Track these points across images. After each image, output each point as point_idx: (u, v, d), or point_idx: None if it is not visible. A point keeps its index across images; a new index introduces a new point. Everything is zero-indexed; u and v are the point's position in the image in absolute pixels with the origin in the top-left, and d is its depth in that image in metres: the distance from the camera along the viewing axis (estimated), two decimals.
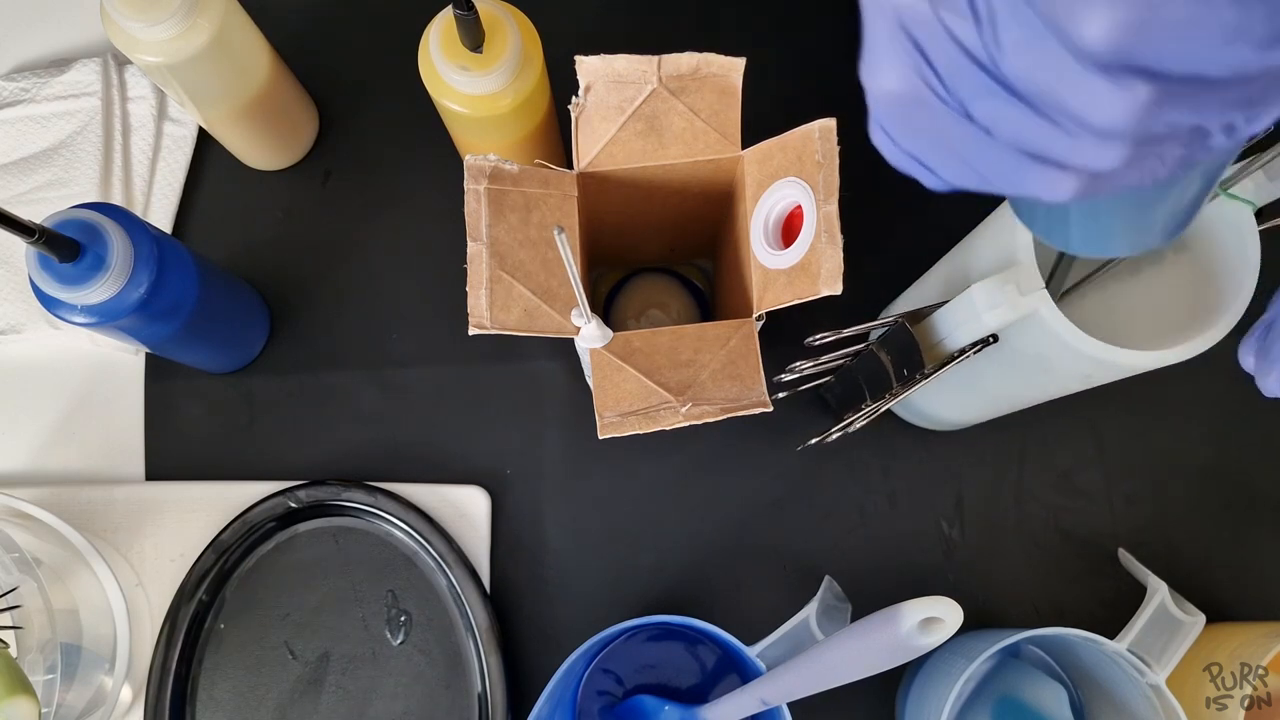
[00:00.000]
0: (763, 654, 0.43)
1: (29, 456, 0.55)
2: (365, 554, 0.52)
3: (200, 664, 0.51)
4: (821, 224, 0.38)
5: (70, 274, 0.41)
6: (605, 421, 0.39)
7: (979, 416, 0.50)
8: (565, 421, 0.54)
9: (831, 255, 0.37)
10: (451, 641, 0.51)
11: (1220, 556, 0.53)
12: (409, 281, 0.56)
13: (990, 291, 0.35)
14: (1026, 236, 0.35)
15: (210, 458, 0.54)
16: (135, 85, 0.57)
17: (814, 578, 0.48)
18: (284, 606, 0.51)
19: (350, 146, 0.58)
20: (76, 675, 0.47)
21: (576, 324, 0.39)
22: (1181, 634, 0.44)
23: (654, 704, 0.47)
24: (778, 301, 0.39)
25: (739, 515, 0.53)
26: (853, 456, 0.53)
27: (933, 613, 0.33)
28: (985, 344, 0.37)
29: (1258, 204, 0.34)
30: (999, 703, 0.48)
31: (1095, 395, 0.47)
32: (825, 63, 0.57)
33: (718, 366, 0.40)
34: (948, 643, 0.34)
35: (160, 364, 0.55)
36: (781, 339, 0.46)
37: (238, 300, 0.52)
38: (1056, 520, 0.53)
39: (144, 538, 0.52)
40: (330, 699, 0.51)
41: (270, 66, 0.50)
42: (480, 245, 0.38)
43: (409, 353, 0.55)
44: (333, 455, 0.54)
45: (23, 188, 0.55)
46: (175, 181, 0.56)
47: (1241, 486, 0.53)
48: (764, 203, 0.40)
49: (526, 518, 0.53)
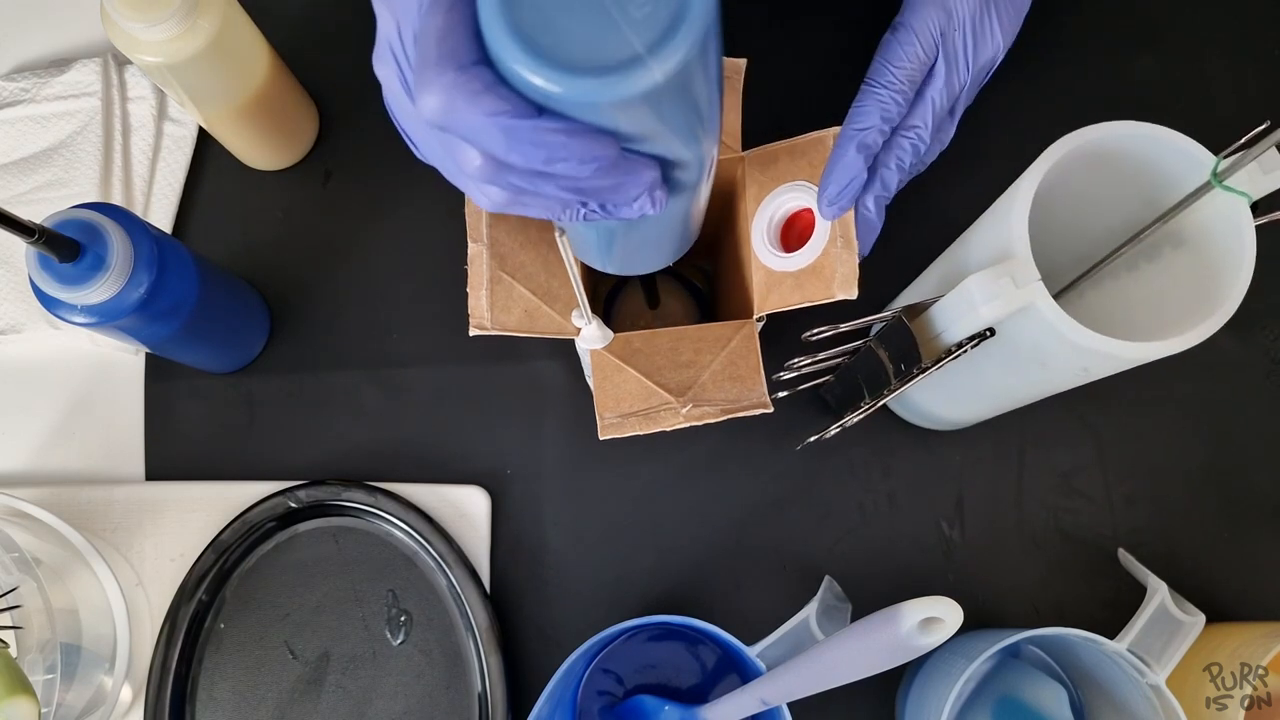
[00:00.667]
0: (763, 654, 0.43)
1: (29, 456, 0.55)
2: (365, 554, 0.52)
3: (200, 664, 0.51)
4: (837, 229, 0.38)
5: (70, 274, 0.41)
6: (606, 422, 0.39)
7: (978, 415, 0.50)
8: (565, 421, 0.54)
9: (847, 260, 0.37)
10: (451, 641, 0.51)
11: (1220, 556, 0.53)
12: (409, 281, 0.56)
13: (986, 284, 0.35)
14: (1022, 229, 0.35)
15: (210, 458, 0.54)
16: (135, 85, 0.57)
17: (814, 578, 0.48)
18: (284, 606, 0.51)
19: (350, 146, 0.58)
20: (76, 675, 0.47)
21: (577, 325, 0.39)
22: (1181, 634, 0.44)
23: (654, 704, 0.47)
24: (784, 304, 0.39)
25: (739, 515, 0.53)
26: (853, 456, 0.53)
27: (933, 613, 0.33)
28: (982, 338, 0.37)
29: (1253, 197, 0.34)
30: (999, 703, 0.48)
31: (1095, 395, 0.47)
32: (824, 64, 0.57)
33: (718, 368, 0.40)
34: (948, 643, 0.34)
35: (160, 364, 0.55)
36: (781, 339, 0.46)
37: (238, 300, 0.52)
38: (1056, 520, 0.53)
39: (144, 538, 0.52)
40: (330, 699, 0.51)
41: (270, 66, 0.50)
42: (481, 246, 0.39)
43: (409, 353, 0.55)
44: (333, 455, 0.54)
45: (23, 188, 0.55)
46: (175, 181, 0.56)
47: (1241, 486, 0.53)
48: (767, 205, 0.40)
49: (526, 518, 0.53)
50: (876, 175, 0.39)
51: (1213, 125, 0.38)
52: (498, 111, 0.23)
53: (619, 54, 0.22)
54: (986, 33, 0.39)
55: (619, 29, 0.22)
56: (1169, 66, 0.58)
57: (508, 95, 0.23)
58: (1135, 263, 0.42)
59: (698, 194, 0.31)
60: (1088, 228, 0.41)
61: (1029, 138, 0.38)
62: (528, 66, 0.22)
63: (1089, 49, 0.58)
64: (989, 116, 0.49)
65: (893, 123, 0.38)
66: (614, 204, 0.27)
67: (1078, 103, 0.57)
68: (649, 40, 0.22)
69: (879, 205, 0.39)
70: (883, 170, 0.39)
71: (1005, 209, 0.36)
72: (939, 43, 0.38)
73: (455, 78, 0.23)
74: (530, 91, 0.23)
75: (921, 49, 0.38)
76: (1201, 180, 0.34)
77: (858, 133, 0.37)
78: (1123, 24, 0.58)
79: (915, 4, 0.38)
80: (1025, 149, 0.37)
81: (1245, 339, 0.54)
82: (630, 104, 0.23)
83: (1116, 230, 0.40)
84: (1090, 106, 0.57)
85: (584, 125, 0.24)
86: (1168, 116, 0.36)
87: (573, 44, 0.22)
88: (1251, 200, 0.35)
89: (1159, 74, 0.58)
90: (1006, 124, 0.53)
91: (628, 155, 0.25)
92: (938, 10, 0.38)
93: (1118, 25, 0.58)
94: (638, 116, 0.24)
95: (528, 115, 0.23)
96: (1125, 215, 0.39)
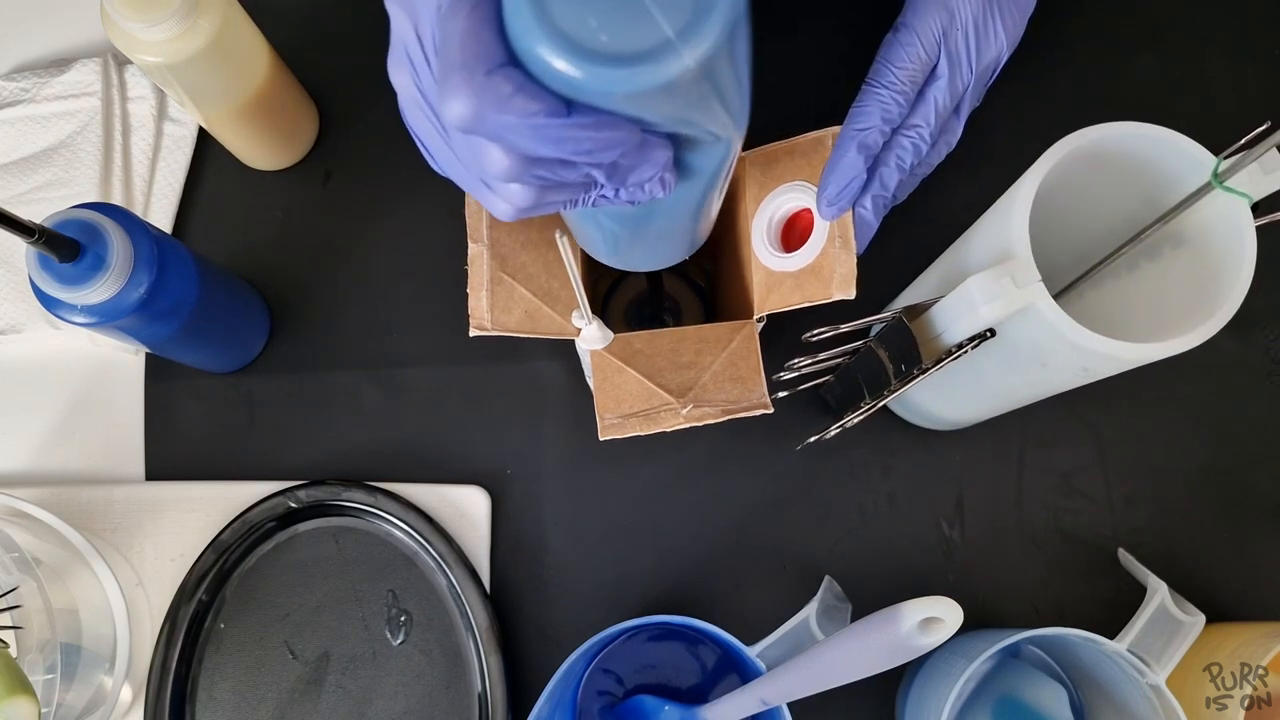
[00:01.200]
0: (763, 654, 0.43)
1: (29, 456, 0.55)
2: (365, 554, 0.52)
3: (200, 664, 0.51)
4: (835, 229, 0.38)
5: (70, 274, 0.41)
6: (606, 423, 0.39)
7: (979, 415, 0.50)
8: (565, 421, 0.54)
9: (845, 260, 0.37)
10: (451, 641, 0.51)
11: (1220, 556, 0.53)
12: (409, 281, 0.56)
13: (986, 284, 0.35)
14: (1023, 230, 0.35)
15: (210, 458, 0.54)
16: (135, 85, 0.57)
17: (814, 578, 0.48)
18: (284, 606, 0.51)
19: (350, 146, 0.58)
20: (76, 675, 0.47)
21: (578, 325, 0.39)
22: (1181, 634, 0.44)
23: (654, 704, 0.47)
24: (784, 304, 0.39)
25: (739, 515, 0.53)
26: (853, 456, 0.53)
27: (933, 613, 0.33)
28: (983, 338, 0.37)
29: (1253, 197, 0.34)
30: (999, 703, 0.48)
31: (1095, 396, 0.47)
32: (824, 65, 0.57)
33: (719, 368, 0.40)
34: (948, 643, 0.34)
35: (160, 364, 0.55)
36: (782, 338, 0.46)
37: (238, 300, 0.52)
38: (1056, 520, 0.53)
39: (144, 538, 0.52)
40: (330, 699, 0.51)
41: (270, 66, 0.50)
42: (481, 246, 0.39)
43: (409, 353, 0.55)
44: (333, 455, 0.54)
45: (23, 188, 0.55)
46: (175, 181, 0.56)
47: (1241, 486, 0.53)
48: (767, 205, 0.40)
49: (526, 518, 0.53)
50: (876, 175, 0.38)
51: (1213, 125, 0.39)
52: (529, 113, 0.23)
53: (650, 40, 0.22)
54: (990, 33, 0.39)
55: (649, 14, 0.22)
56: (1169, 66, 0.58)
57: (538, 94, 0.23)
58: (1135, 263, 0.42)
59: (719, 182, 0.30)
60: (1088, 228, 0.41)
61: (1029, 138, 0.38)
62: (559, 56, 0.22)
63: (1089, 49, 0.58)
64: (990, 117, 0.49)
65: (893, 123, 0.38)
66: (627, 187, 0.26)
67: (1078, 103, 0.57)
68: (680, 25, 0.22)
69: (877, 205, 0.39)
70: (882, 169, 0.39)
71: (1006, 209, 0.36)
72: (941, 43, 0.38)
73: (484, 82, 0.23)
74: (559, 83, 0.23)
75: (923, 49, 0.38)
76: (1202, 181, 0.34)
77: (858, 133, 0.37)
78: (1123, 24, 0.58)
79: (917, 5, 0.38)
80: (1026, 149, 0.37)
81: (1245, 339, 0.54)
82: (661, 91, 0.23)
83: (1117, 230, 0.40)
84: (1090, 106, 0.57)
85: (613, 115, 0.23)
86: (1168, 116, 0.36)
87: (603, 32, 0.22)
88: (1252, 201, 0.35)
89: (1159, 74, 0.58)
90: (1007, 124, 0.53)
91: (647, 138, 0.25)
92: (939, 10, 0.38)
93: (1118, 25, 0.58)
94: (667, 103, 0.23)
95: (559, 114, 0.23)
96: (1126, 215, 0.39)
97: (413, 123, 0.29)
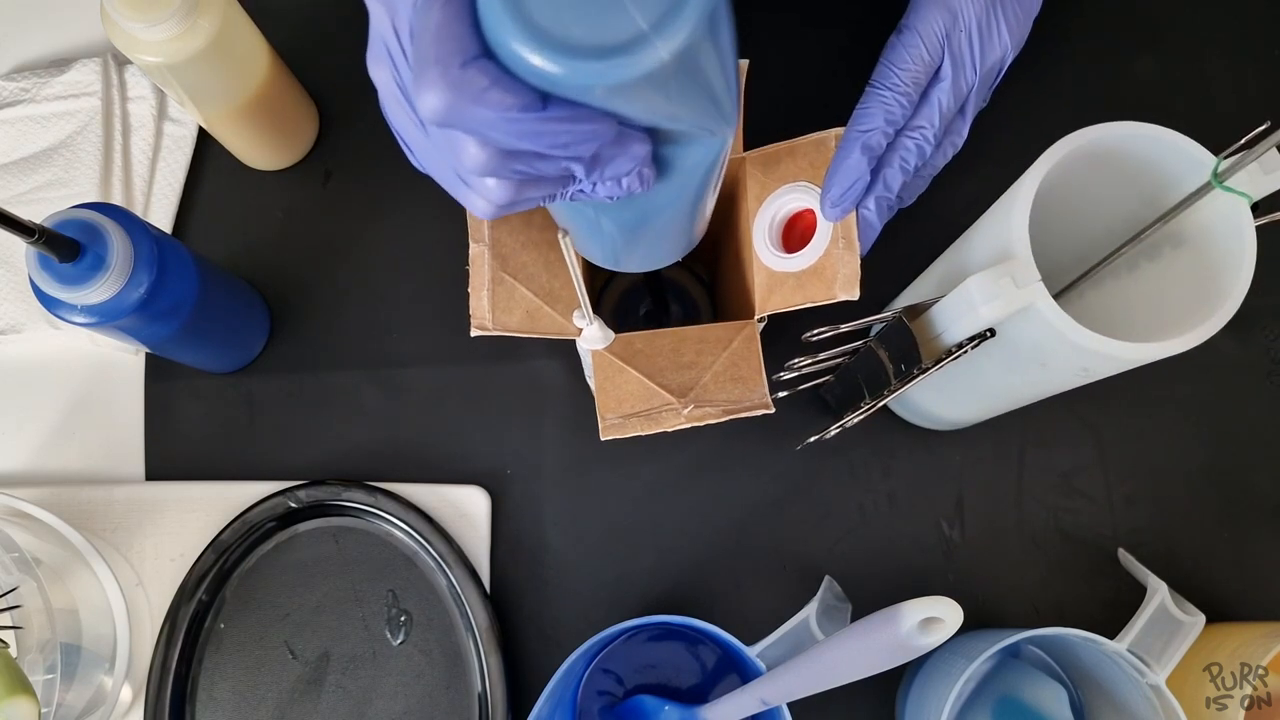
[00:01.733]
0: (763, 654, 0.43)
1: (29, 456, 0.55)
2: (365, 554, 0.52)
3: (200, 664, 0.51)
4: (838, 230, 0.38)
5: (70, 274, 0.41)
6: (607, 423, 0.39)
7: (979, 415, 0.50)
8: (565, 421, 0.54)
9: (849, 261, 0.37)
10: (451, 641, 0.51)
11: (1220, 556, 0.53)
12: (409, 281, 0.56)
13: (986, 284, 0.35)
14: (1023, 230, 0.35)
15: (210, 458, 0.54)
16: (135, 85, 0.57)
17: (814, 578, 0.48)
18: (284, 606, 0.51)
19: (350, 146, 0.58)
20: (76, 675, 0.47)
21: (579, 325, 0.39)
22: (1181, 634, 0.44)
23: (654, 704, 0.47)
24: (786, 304, 0.39)
25: (739, 515, 0.53)
26: (852, 456, 0.53)
27: (933, 613, 0.33)
28: (983, 338, 0.37)
29: (1253, 197, 0.34)
30: (999, 703, 0.48)
31: (1095, 396, 0.47)
32: (825, 65, 0.57)
33: (720, 368, 0.40)
34: (948, 643, 0.34)
35: (160, 364, 0.55)
36: (782, 339, 0.46)
37: (238, 300, 0.52)
38: (1056, 520, 0.53)
39: (144, 538, 0.52)
40: (330, 699, 0.51)
41: (270, 66, 0.50)
42: (482, 247, 0.39)
43: (409, 353, 0.55)
44: (333, 455, 0.54)
45: (23, 188, 0.55)
46: (175, 181, 0.56)
47: (1241, 486, 0.53)
48: (769, 205, 0.40)
49: (526, 518, 0.53)
50: (879, 176, 0.38)
51: (1213, 125, 0.39)
52: (504, 106, 0.23)
53: (624, 33, 0.22)
54: (993, 34, 0.39)
55: (622, 7, 0.22)
56: (1169, 66, 0.58)
57: (512, 87, 0.23)
58: (1135, 263, 0.42)
59: (711, 179, 0.30)
60: (1088, 228, 0.41)
61: (1029, 138, 0.38)
62: (532, 50, 0.22)
63: (1089, 49, 0.58)
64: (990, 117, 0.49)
65: (897, 125, 0.38)
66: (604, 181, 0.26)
67: (1078, 103, 0.57)
68: (654, 17, 0.22)
69: (880, 206, 0.39)
70: (886, 170, 0.39)
71: (1006, 209, 0.36)
72: (944, 44, 0.38)
73: (459, 75, 0.23)
74: (534, 77, 0.23)
75: (926, 51, 0.38)
76: (1202, 180, 0.34)
77: (862, 134, 0.37)
78: (1123, 24, 0.58)
79: (920, 6, 0.38)
80: (1026, 149, 0.37)
81: (1245, 339, 0.54)
82: (637, 85, 0.22)
83: (1117, 230, 0.40)
84: (1090, 106, 0.57)
85: (589, 109, 0.23)
86: (1168, 116, 0.36)
87: (576, 25, 0.22)
88: (1252, 201, 0.35)
89: (1159, 74, 0.58)
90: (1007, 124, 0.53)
91: (624, 131, 0.25)
92: (942, 12, 0.38)
93: (1118, 25, 0.58)
94: (645, 96, 0.23)
95: (534, 107, 0.23)
96: (1125, 215, 0.39)
97: (393, 118, 0.29)
